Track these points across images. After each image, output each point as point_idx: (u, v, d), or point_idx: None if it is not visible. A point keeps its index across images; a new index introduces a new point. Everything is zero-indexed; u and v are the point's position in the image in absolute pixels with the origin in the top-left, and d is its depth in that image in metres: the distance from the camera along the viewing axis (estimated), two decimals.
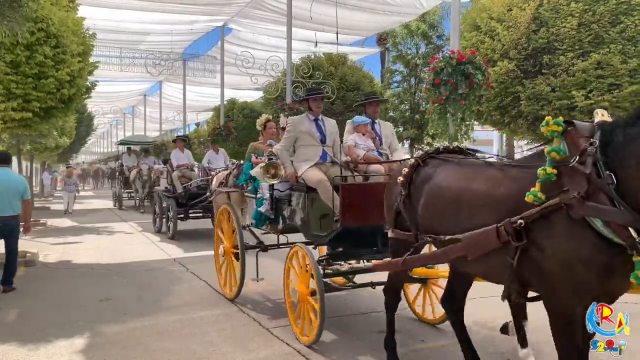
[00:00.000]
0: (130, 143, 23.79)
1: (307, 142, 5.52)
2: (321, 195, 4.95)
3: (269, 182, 5.45)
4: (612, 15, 9.72)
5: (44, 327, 5.30)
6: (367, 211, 4.65)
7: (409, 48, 20.18)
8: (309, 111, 5.72)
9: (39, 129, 10.39)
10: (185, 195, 11.61)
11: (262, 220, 6.04)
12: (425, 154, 3.95)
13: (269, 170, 5.39)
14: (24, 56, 7.90)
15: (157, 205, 13.08)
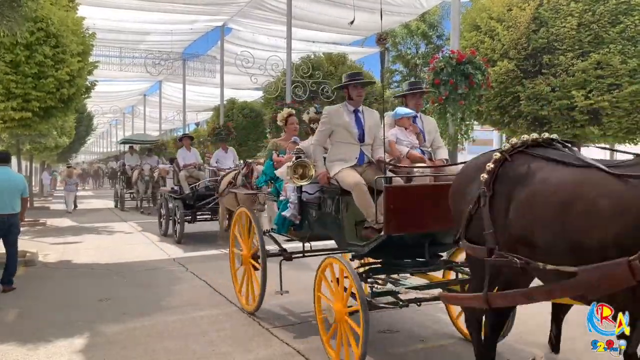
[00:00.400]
0: (133, 142, 22.73)
1: (343, 139, 4.79)
2: (356, 200, 4.34)
3: (297, 183, 4.83)
4: (612, 15, 9.72)
5: (43, 327, 5.30)
6: (417, 217, 4.12)
7: (408, 48, 20.21)
8: (348, 100, 4.91)
9: (38, 129, 10.40)
10: (193, 196, 11.06)
11: (286, 226, 5.38)
12: (512, 147, 3.31)
13: (297, 170, 4.79)
14: (23, 56, 7.91)
15: (163, 207, 12.31)
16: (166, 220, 11.92)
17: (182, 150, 12.42)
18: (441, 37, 19.79)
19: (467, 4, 12.98)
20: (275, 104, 15.88)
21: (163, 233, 11.92)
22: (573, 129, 10.71)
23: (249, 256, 5.71)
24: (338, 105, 5.00)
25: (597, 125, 10.29)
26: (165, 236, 11.67)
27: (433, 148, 5.27)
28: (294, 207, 5.12)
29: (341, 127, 4.76)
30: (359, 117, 4.84)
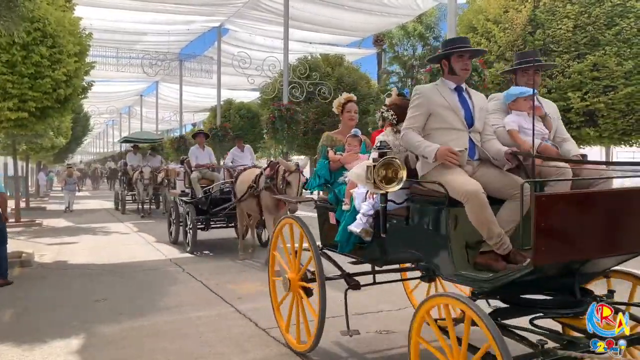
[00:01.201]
0: (135, 141, 21.11)
1: (444, 124, 3.61)
2: (471, 214, 3.16)
3: (384, 189, 3.43)
4: (608, 17, 9.77)
5: (39, 327, 5.29)
6: (584, 238, 2.90)
7: (405, 49, 20.23)
8: (448, 75, 3.74)
9: (35, 129, 10.37)
10: (207, 200, 9.96)
11: (351, 244, 4.20)
12: None
13: (382, 171, 3.42)
14: (20, 56, 7.89)
15: (172, 212, 11.08)
16: (176, 227, 10.77)
17: (194, 148, 11.13)
18: (438, 39, 19.85)
19: (463, 6, 13.02)
20: (272, 105, 15.89)
21: (173, 241, 10.86)
22: (569, 131, 10.71)
23: (297, 279, 4.52)
24: (433, 84, 3.86)
25: (593, 127, 10.34)
26: (175, 244, 10.68)
27: (557, 140, 3.91)
28: (367, 220, 3.91)
29: (442, 107, 3.61)
30: (463, 97, 3.70)
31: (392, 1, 16.43)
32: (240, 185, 8.89)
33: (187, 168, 10.76)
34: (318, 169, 4.86)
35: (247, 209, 8.95)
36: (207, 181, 10.50)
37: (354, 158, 4.61)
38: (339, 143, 5.00)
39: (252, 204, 8.56)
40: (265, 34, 20.39)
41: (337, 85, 20.32)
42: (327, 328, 4.27)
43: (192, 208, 9.90)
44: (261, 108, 22.63)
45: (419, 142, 3.55)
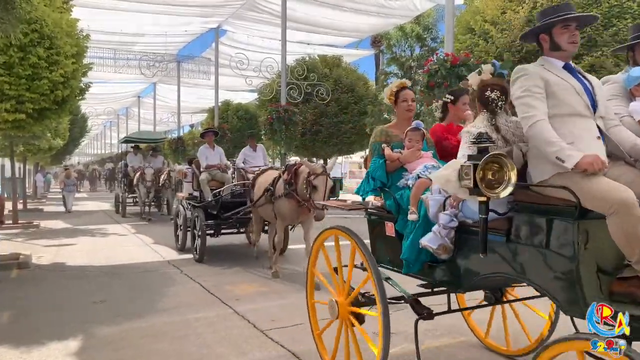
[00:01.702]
0: (136, 140, 19.85)
1: (566, 108, 2.85)
2: (616, 228, 2.48)
3: (491, 195, 2.64)
4: (605, 18, 9.80)
5: (37, 329, 5.27)
6: None
7: (403, 50, 20.26)
8: (550, 53, 3.00)
9: (32, 131, 10.36)
10: (217, 204, 9.14)
11: (420, 262, 3.48)
12: None
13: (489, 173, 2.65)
14: (17, 57, 7.88)
15: (179, 217, 10.31)
16: (183, 233, 9.95)
17: (204, 148, 10.23)
18: (435, 40, 19.89)
19: (461, 7, 13.05)
20: (270, 106, 15.89)
21: (180, 247, 10.07)
22: None
23: (347, 303, 3.77)
24: (534, 64, 3.05)
25: None
26: (182, 251, 9.95)
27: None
28: (447, 234, 3.15)
29: (562, 89, 2.86)
30: (577, 76, 2.95)
31: (390, 2, 16.45)
32: (258, 189, 8.08)
33: (196, 169, 10.01)
34: (372, 170, 3.96)
35: (264, 214, 8.17)
36: (217, 183, 9.75)
37: (416, 156, 3.81)
38: (395, 139, 4.06)
39: (268, 210, 7.79)
40: (262, 35, 20.40)
41: (335, 86, 20.35)
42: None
43: (201, 212, 9.07)
44: (259, 109, 22.63)
45: (555, 140, 2.69)
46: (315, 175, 6.72)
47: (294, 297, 6.41)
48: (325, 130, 20.41)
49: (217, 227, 9.41)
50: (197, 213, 9.15)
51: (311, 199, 6.70)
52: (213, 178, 9.80)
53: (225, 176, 9.90)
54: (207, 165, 9.90)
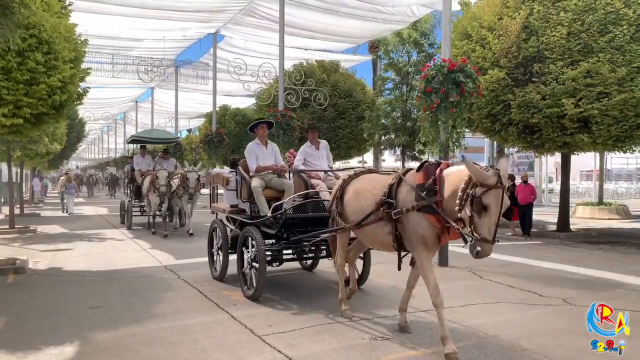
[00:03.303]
0: (145, 140, 17.20)
1: None
2: None
3: None
4: (601, 24, 9.85)
5: (33, 335, 5.26)
6: None
7: (400, 56, 20.32)
8: None
9: (29, 135, 10.34)
10: (279, 221, 6.66)
11: None
12: None
13: None
14: (15, 62, 7.87)
15: (217, 236, 7.93)
16: (224, 257, 7.63)
17: (254, 145, 7.56)
18: (433, 46, 19.93)
19: (458, 13, 13.10)
20: (268, 111, 15.91)
21: (218, 276, 7.79)
22: (563, 137, 10.82)
23: None
24: None
25: (586, 133, 10.40)
26: (221, 281, 7.71)
27: None
28: None
29: None
30: None
31: (387, 8, 16.52)
32: (358, 200, 5.60)
33: (243, 172, 7.41)
34: None
35: (370, 238, 5.61)
36: (273, 192, 7.23)
37: None
38: None
39: (383, 232, 5.22)
40: (260, 40, 20.46)
41: (333, 91, 20.40)
42: (323, 334, 4.23)
43: (256, 232, 6.65)
44: (257, 114, 22.66)
45: None
46: (484, 186, 4.08)
47: (291, 303, 6.41)
48: (323, 135, 20.42)
49: (279, 253, 7.10)
50: (249, 232, 6.76)
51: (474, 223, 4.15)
52: (268, 185, 7.24)
53: (285, 182, 7.29)
54: (259, 167, 7.31)
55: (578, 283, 7.54)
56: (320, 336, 5.06)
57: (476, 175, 4.12)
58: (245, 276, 6.84)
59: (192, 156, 27.99)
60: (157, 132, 19.28)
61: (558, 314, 5.90)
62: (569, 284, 7.44)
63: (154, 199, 13.67)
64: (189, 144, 29.63)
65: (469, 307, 6.22)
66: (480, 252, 4.10)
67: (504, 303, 6.35)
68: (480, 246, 4.10)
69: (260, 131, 7.69)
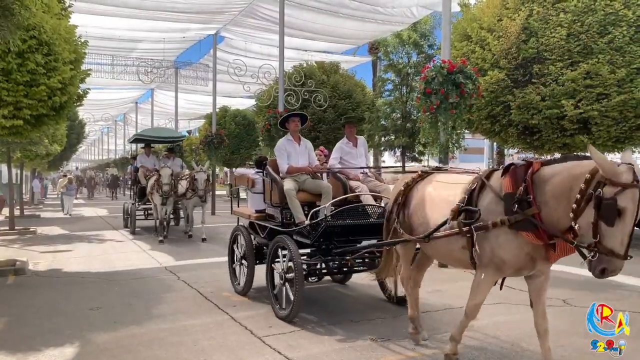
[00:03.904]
0: (149, 139, 15.76)
1: None
2: None
3: None
4: (601, 26, 9.86)
5: (33, 336, 5.26)
6: None
7: (400, 57, 20.33)
8: None
9: (29, 137, 10.35)
10: (318, 230, 5.66)
11: None
12: None
13: None
14: (15, 64, 7.87)
15: (239, 245, 7.13)
16: (250, 270, 6.73)
17: (285, 141, 6.65)
18: (432, 47, 19.95)
19: (458, 14, 13.11)
20: (268, 112, 15.91)
21: (242, 290, 6.91)
22: (563, 138, 10.83)
23: None
24: None
25: (586, 134, 10.40)
26: (244, 296, 6.86)
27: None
28: None
29: None
30: None
31: (387, 9, 16.52)
32: (427, 208, 4.57)
33: (274, 173, 6.43)
34: None
35: (442, 254, 4.69)
36: (308, 195, 6.31)
37: None
38: None
39: (456, 247, 4.24)
40: (260, 41, 20.46)
41: (333, 92, 20.39)
42: (321, 336, 4.23)
43: (290, 242, 5.71)
44: (257, 115, 22.66)
45: None
46: (619, 186, 3.18)
47: None
48: (323, 136, 20.43)
49: (325, 266, 6.20)
50: (281, 242, 5.88)
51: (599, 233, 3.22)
52: (301, 188, 6.31)
53: (323, 185, 6.34)
54: (291, 167, 6.41)
55: (578, 284, 7.54)
56: (320, 337, 5.07)
57: (607, 170, 3.19)
58: (277, 293, 5.94)
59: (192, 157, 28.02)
60: (162, 131, 18.18)
61: (558, 314, 5.89)
62: (569, 285, 7.44)
63: (157, 199, 12.69)
64: (189, 145, 29.62)
65: None
66: (607, 270, 3.17)
67: (504, 304, 6.35)
68: (608, 263, 3.16)
69: (292, 126, 6.70)
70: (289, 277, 5.64)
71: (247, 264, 6.79)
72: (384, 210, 5.62)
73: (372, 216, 5.88)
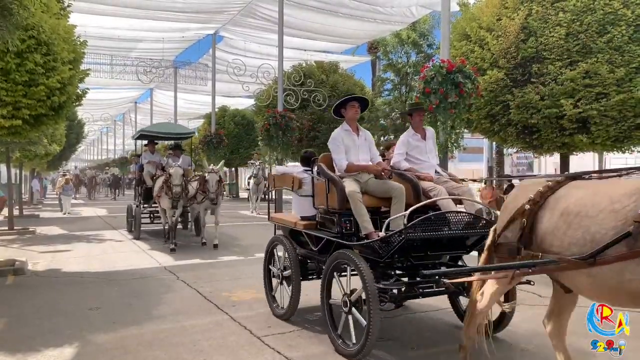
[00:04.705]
0: (155, 136, 14.25)
1: None
2: None
3: None
4: (600, 25, 9.85)
5: (32, 336, 5.25)
6: None
7: (399, 57, 20.34)
8: None
9: (28, 137, 10.35)
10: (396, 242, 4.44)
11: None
12: None
13: None
14: (14, 63, 7.87)
15: (277, 259, 6.05)
16: (295, 291, 5.56)
17: (341, 131, 5.39)
18: (431, 46, 19.98)
19: (457, 14, 13.11)
20: (267, 112, 15.93)
21: (285, 314, 5.75)
22: (562, 138, 10.82)
23: None
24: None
25: (585, 134, 10.40)
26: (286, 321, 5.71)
27: None
28: None
29: None
30: None
31: (386, 9, 16.54)
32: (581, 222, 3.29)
33: (329, 172, 5.14)
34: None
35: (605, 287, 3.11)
36: (372, 199, 5.06)
37: None
38: None
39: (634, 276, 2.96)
40: (259, 41, 20.48)
41: (332, 92, 20.41)
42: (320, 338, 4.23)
43: (359, 260, 4.48)
44: (256, 115, 22.69)
45: None
46: None
47: None
48: (322, 136, 20.45)
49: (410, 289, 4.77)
50: (345, 259, 4.64)
51: None
52: (365, 189, 5.04)
53: (394, 186, 4.96)
54: (351, 165, 5.17)
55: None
56: (320, 337, 5.06)
57: None
58: (337, 322, 4.79)
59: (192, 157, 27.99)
60: (169, 126, 16.57)
61: None
62: None
63: (166, 202, 11.25)
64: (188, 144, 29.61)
65: None
66: None
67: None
68: None
69: (351, 112, 5.39)
70: (353, 301, 4.55)
71: (292, 282, 5.59)
72: (474, 218, 4.65)
73: (458, 226, 4.65)
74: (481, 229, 4.61)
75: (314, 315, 5.86)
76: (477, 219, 4.67)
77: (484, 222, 4.62)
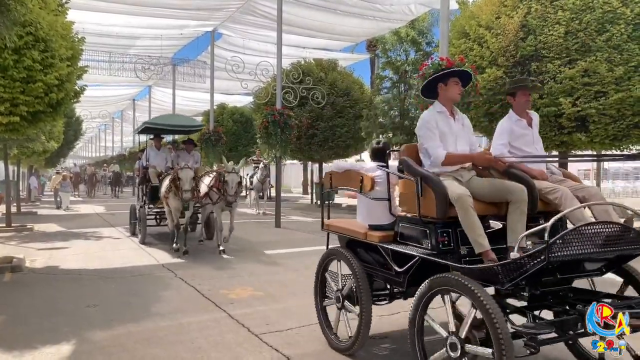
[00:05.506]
0: (161, 129, 12.71)
1: None
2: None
3: None
4: (599, 23, 9.86)
5: (30, 334, 5.24)
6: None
7: (398, 54, 20.32)
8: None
9: (26, 133, 10.31)
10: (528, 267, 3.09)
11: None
12: None
13: None
14: (11, 60, 7.84)
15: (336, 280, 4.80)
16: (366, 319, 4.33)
17: (435, 113, 4.19)
18: (430, 44, 19.95)
19: (456, 12, 13.10)
20: (265, 110, 15.90)
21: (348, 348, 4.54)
22: (560, 136, 10.83)
23: None
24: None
25: (584, 132, 10.41)
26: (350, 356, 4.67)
27: None
28: None
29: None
30: None
31: (385, 7, 16.52)
32: None
33: (417, 167, 3.99)
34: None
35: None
36: (480, 205, 3.70)
37: None
38: None
39: None
40: (258, 38, 20.45)
41: (331, 90, 20.40)
42: (317, 335, 4.22)
43: (481, 292, 3.13)
44: (254, 112, 22.66)
45: None
46: None
47: (289, 301, 6.41)
48: (321, 133, 20.46)
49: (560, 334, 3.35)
50: (453, 285, 3.35)
51: None
52: (471, 193, 3.67)
53: (513, 187, 3.69)
54: (450, 155, 3.98)
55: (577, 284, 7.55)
56: (318, 334, 5.05)
57: None
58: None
59: None
60: (175, 118, 14.59)
61: None
62: None
63: (175, 203, 10.23)
64: None
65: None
66: None
67: None
68: None
69: (452, 91, 4.21)
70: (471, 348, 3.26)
71: (364, 307, 4.28)
72: (623, 229, 3.36)
73: (609, 240, 3.30)
74: (633, 243, 3.39)
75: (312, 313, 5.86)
76: (625, 229, 3.39)
77: (635, 234, 3.38)
